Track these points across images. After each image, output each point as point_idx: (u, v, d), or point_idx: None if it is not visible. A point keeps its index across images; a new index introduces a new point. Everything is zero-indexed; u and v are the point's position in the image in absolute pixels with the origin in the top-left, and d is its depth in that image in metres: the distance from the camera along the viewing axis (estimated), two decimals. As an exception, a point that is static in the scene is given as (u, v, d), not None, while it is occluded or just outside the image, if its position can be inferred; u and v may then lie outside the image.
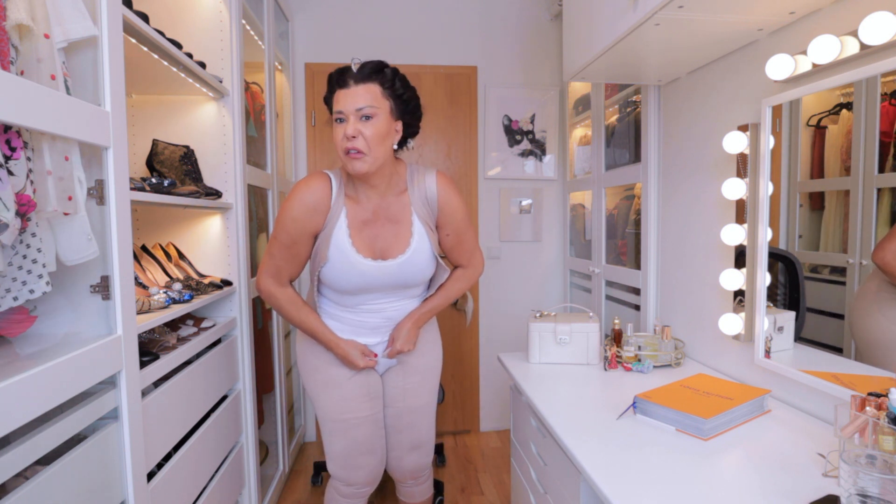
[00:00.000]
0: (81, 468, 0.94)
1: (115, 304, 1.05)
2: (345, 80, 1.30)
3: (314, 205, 1.35)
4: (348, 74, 1.30)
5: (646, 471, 1.02)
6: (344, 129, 1.28)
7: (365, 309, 1.48)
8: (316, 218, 1.36)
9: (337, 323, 1.49)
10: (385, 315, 1.49)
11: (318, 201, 1.35)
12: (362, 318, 1.49)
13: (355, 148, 1.28)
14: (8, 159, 0.80)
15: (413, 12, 2.87)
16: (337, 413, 1.48)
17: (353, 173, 1.31)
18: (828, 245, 1.25)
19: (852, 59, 1.12)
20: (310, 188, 1.35)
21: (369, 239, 1.39)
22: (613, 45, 1.46)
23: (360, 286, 1.41)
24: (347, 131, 1.27)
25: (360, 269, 1.38)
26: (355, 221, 1.38)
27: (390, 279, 1.41)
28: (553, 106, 2.99)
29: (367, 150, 1.28)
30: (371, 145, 1.28)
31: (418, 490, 1.68)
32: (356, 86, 1.29)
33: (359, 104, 1.28)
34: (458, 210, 1.45)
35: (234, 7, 1.80)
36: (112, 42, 1.03)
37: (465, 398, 3.05)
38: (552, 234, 3.05)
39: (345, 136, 1.28)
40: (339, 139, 1.30)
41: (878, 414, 0.92)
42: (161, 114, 1.81)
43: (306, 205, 1.34)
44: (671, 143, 1.90)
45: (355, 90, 1.28)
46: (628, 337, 1.72)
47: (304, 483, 2.48)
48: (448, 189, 1.44)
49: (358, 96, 1.28)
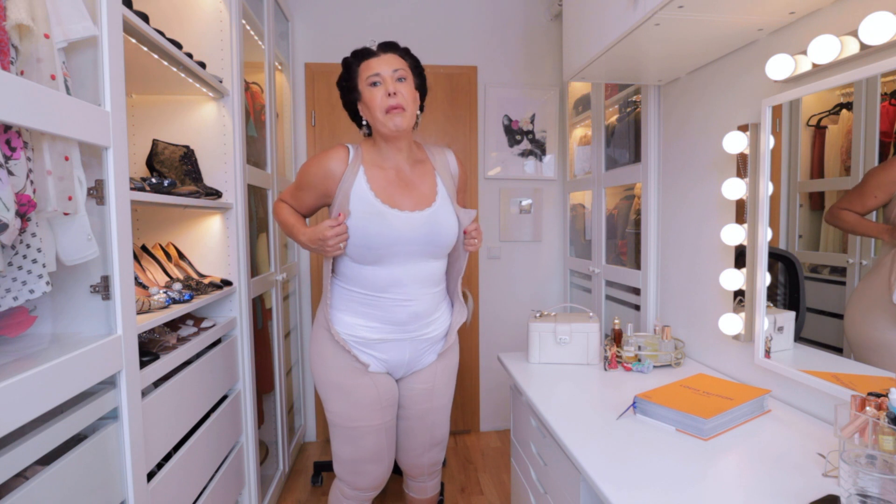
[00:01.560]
0: (81, 468, 0.94)
1: (115, 304, 1.04)
2: (372, 51, 1.42)
3: (328, 170, 1.42)
4: (374, 47, 1.42)
5: (646, 471, 1.02)
6: (384, 89, 1.38)
7: (391, 298, 1.42)
8: (328, 183, 1.43)
9: (363, 320, 1.44)
10: (411, 310, 1.43)
11: (334, 168, 1.42)
12: (389, 311, 1.43)
13: (398, 104, 1.37)
14: (8, 159, 0.80)
15: (413, 12, 2.87)
16: (346, 420, 1.47)
17: (394, 128, 1.38)
18: (828, 245, 1.25)
19: (852, 59, 1.12)
20: (328, 155, 1.43)
21: (394, 195, 1.42)
22: (613, 45, 1.46)
23: (383, 241, 1.37)
24: (389, 89, 1.37)
25: (388, 221, 1.37)
26: (377, 181, 1.42)
27: (422, 234, 1.40)
28: (553, 106, 2.99)
29: (407, 106, 1.38)
30: (408, 102, 1.39)
31: (431, 484, 1.69)
32: (385, 54, 1.41)
33: (394, 66, 1.39)
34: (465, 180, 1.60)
35: (234, 7, 1.80)
36: (112, 42, 1.03)
37: (465, 398, 3.05)
38: (552, 234, 3.05)
39: (386, 95, 1.37)
40: (378, 99, 1.38)
41: (878, 414, 0.92)
42: (161, 114, 1.81)
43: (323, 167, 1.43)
44: (671, 143, 1.90)
45: (386, 57, 1.40)
46: (628, 337, 1.72)
47: (304, 483, 2.48)
48: (463, 166, 1.59)
49: (391, 61, 1.40)
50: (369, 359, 1.46)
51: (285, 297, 2.67)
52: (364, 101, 1.41)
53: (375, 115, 1.39)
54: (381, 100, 1.37)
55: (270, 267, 2.30)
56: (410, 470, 1.64)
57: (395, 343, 1.47)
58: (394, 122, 1.37)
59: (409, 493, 1.71)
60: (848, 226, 1.18)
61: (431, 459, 1.63)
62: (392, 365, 1.50)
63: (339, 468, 1.53)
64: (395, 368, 1.51)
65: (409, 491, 1.71)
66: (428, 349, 1.52)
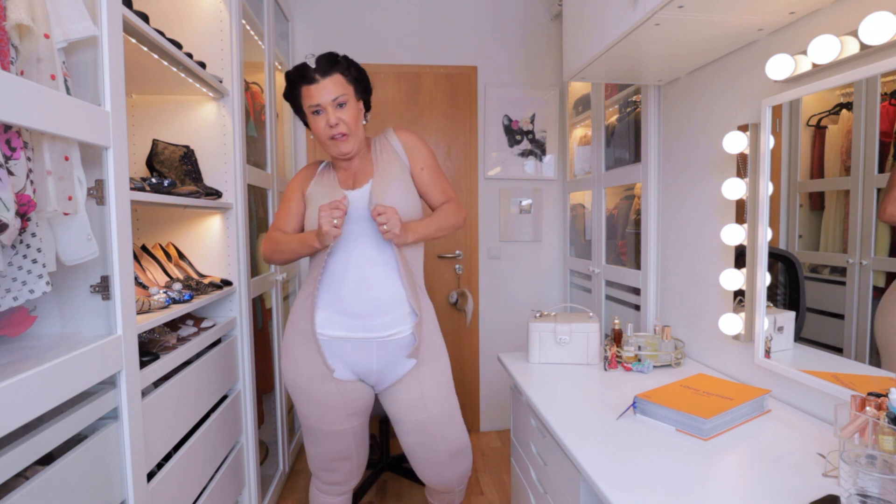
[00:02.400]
0: (81, 468, 0.94)
1: (115, 304, 1.04)
2: (311, 77, 1.41)
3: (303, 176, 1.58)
4: (312, 71, 1.41)
5: (646, 471, 1.02)
6: (326, 119, 1.42)
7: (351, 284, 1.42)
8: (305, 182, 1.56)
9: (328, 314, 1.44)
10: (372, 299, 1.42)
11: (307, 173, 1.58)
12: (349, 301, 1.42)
13: (340, 133, 1.42)
14: (8, 159, 0.80)
15: (413, 12, 2.87)
16: (313, 422, 1.50)
17: (341, 155, 1.46)
18: (828, 245, 1.25)
19: (852, 59, 1.12)
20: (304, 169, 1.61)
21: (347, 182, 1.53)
22: (613, 45, 1.46)
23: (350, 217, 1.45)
24: (330, 120, 1.41)
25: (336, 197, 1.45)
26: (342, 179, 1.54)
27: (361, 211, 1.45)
28: (553, 106, 2.99)
29: (350, 132, 1.44)
30: (351, 127, 1.44)
31: (458, 491, 1.66)
32: (323, 79, 1.41)
33: (333, 94, 1.41)
34: (423, 147, 1.56)
35: (234, 7, 1.80)
36: (112, 42, 1.03)
37: (465, 398, 3.05)
38: (552, 234, 3.05)
39: (328, 125, 1.42)
40: (321, 129, 1.43)
41: (878, 414, 0.92)
42: (161, 114, 1.81)
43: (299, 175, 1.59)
44: (671, 143, 1.90)
45: (324, 84, 1.41)
46: (628, 337, 1.72)
47: (304, 483, 2.48)
48: (406, 133, 1.57)
49: (329, 88, 1.41)
50: (336, 363, 1.45)
51: (285, 297, 2.67)
52: (310, 126, 1.48)
53: (322, 142, 1.46)
54: (324, 129, 1.42)
55: (270, 267, 2.30)
56: (438, 486, 1.60)
57: (359, 343, 1.44)
58: (338, 148, 1.45)
59: (432, 500, 1.69)
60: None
61: (457, 472, 1.57)
62: (361, 371, 1.47)
63: (310, 463, 1.58)
64: (366, 375, 1.49)
65: (434, 500, 1.68)
66: (398, 356, 1.47)
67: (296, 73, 1.43)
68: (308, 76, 1.41)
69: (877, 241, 1.13)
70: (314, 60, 1.42)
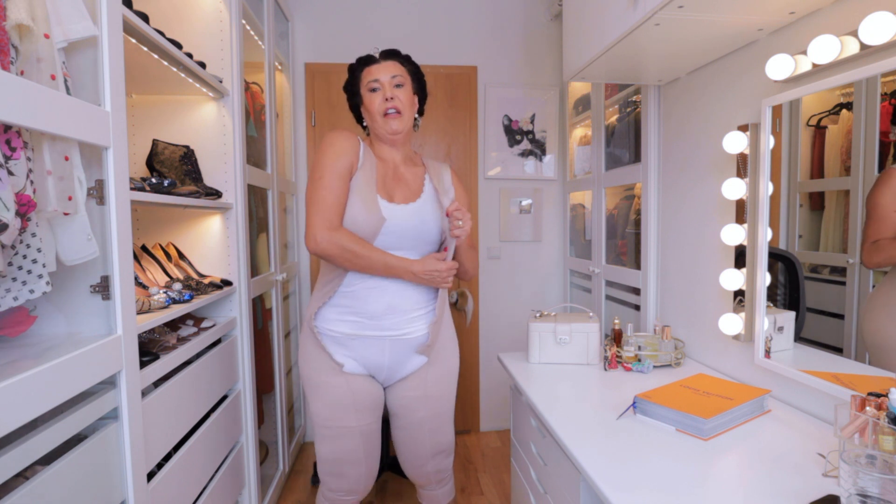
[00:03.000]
0: (81, 468, 0.94)
1: (115, 304, 1.04)
2: (373, 58, 1.50)
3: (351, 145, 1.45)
4: (377, 54, 1.51)
5: (646, 471, 1.02)
6: (382, 94, 1.46)
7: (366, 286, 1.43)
8: (353, 157, 1.44)
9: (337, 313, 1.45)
10: (385, 301, 1.43)
11: (353, 144, 1.46)
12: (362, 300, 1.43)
13: (395, 107, 1.46)
14: (8, 159, 0.80)
15: (413, 12, 2.87)
16: (323, 419, 1.49)
17: (390, 132, 1.47)
18: (828, 245, 1.25)
19: (852, 59, 1.12)
20: (344, 133, 1.47)
21: (387, 185, 1.49)
22: (613, 45, 1.46)
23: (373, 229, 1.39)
24: (386, 94, 1.46)
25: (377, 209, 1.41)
26: (379, 175, 1.49)
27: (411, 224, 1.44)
28: (553, 106, 2.99)
29: (403, 110, 1.47)
30: (405, 107, 1.47)
31: (442, 492, 1.66)
32: (385, 61, 1.49)
33: (393, 73, 1.48)
34: (466, 198, 1.63)
35: (234, 7, 1.80)
36: (112, 42, 1.03)
37: (465, 398, 3.05)
38: (552, 234, 3.05)
39: (383, 99, 1.46)
40: (376, 104, 1.46)
41: (878, 414, 0.92)
42: (161, 114, 1.81)
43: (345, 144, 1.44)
44: (671, 143, 1.90)
45: (386, 64, 1.49)
46: (628, 337, 1.72)
47: (304, 483, 2.48)
48: (460, 183, 1.65)
49: (390, 67, 1.48)
50: (345, 359, 1.46)
51: (285, 297, 2.67)
52: (364, 104, 1.50)
53: (374, 118, 1.48)
54: (380, 104, 1.46)
55: (270, 267, 2.30)
56: (416, 479, 1.63)
57: (372, 340, 1.45)
58: (390, 125, 1.46)
59: (423, 502, 1.69)
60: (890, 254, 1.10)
61: (437, 467, 1.60)
62: (371, 366, 1.48)
63: (320, 467, 1.55)
64: (377, 371, 1.49)
65: (423, 501, 1.69)
66: (410, 353, 1.49)
67: (360, 59, 1.52)
68: (372, 58, 1.50)
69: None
70: (378, 51, 1.52)
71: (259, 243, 2.25)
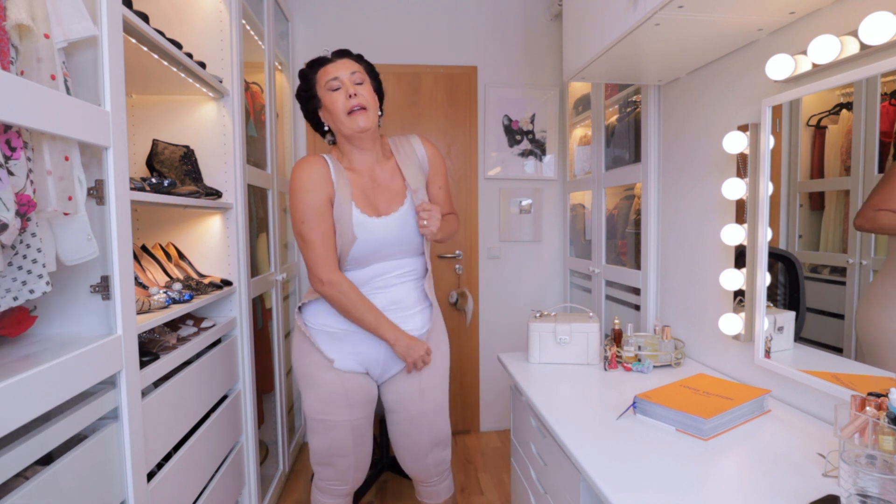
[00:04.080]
0: (81, 468, 0.94)
1: (115, 304, 1.04)
2: (326, 59, 1.45)
3: (320, 176, 1.42)
4: (329, 55, 1.46)
5: (646, 471, 1.02)
6: (344, 92, 1.40)
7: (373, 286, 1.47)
8: (326, 186, 1.42)
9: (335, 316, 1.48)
10: (389, 297, 1.48)
11: (322, 172, 1.43)
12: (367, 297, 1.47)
13: (360, 104, 1.40)
14: (8, 159, 0.80)
15: (413, 12, 2.87)
16: (314, 412, 1.51)
17: (358, 130, 1.41)
18: (828, 245, 1.25)
19: (852, 59, 1.12)
20: (308, 163, 1.43)
21: (371, 199, 1.47)
22: (613, 45, 1.46)
23: (376, 247, 1.44)
24: (349, 90, 1.40)
25: (371, 230, 1.43)
26: (357, 189, 1.46)
27: (396, 235, 1.46)
28: (553, 106, 2.99)
29: (368, 105, 1.41)
30: (368, 102, 1.41)
31: (443, 487, 1.67)
32: (340, 60, 1.44)
33: (351, 69, 1.43)
34: (443, 163, 1.60)
35: (234, 7, 1.80)
36: (112, 42, 1.03)
37: (465, 398, 3.05)
38: (552, 234, 3.05)
39: (346, 97, 1.40)
40: (339, 103, 1.40)
41: (878, 414, 0.92)
42: (161, 114, 1.81)
43: (314, 177, 1.41)
44: (671, 143, 1.90)
45: (342, 62, 1.44)
46: (628, 337, 1.72)
47: (304, 483, 2.48)
48: (432, 146, 1.59)
49: (347, 65, 1.43)
50: (336, 354, 1.48)
51: (285, 297, 2.67)
52: (325, 106, 1.43)
53: (339, 118, 1.41)
54: (343, 102, 1.40)
55: (270, 267, 2.30)
56: (417, 474, 1.63)
57: (368, 335, 1.48)
58: (357, 122, 1.40)
59: (423, 500, 1.70)
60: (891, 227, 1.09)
61: (436, 459, 1.62)
62: (367, 361, 1.50)
63: (311, 458, 1.58)
64: (372, 365, 1.51)
65: (422, 498, 1.70)
66: None
67: (311, 62, 1.47)
68: (324, 59, 1.45)
69: (876, 242, 1.13)
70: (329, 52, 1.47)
71: (259, 243, 2.25)
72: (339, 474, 1.56)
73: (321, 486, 1.60)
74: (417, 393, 1.55)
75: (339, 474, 1.56)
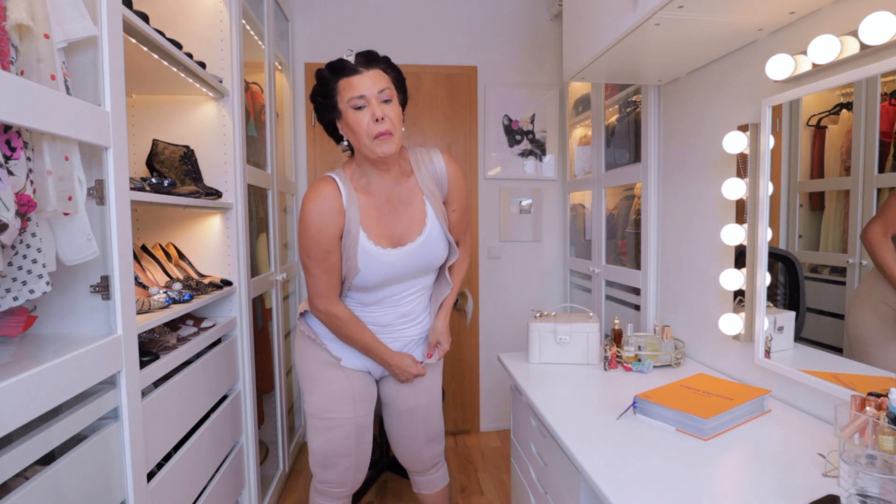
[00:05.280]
0: (81, 468, 0.94)
1: (115, 304, 1.04)
2: (353, 68, 1.28)
3: (331, 209, 1.34)
4: (355, 62, 1.28)
5: (646, 471, 1.02)
6: (371, 113, 1.27)
7: (383, 304, 1.48)
8: (337, 219, 1.35)
9: None
10: (398, 312, 1.49)
11: (333, 205, 1.34)
12: (376, 314, 1.48)
13: (387, 130, 1.28)
14: (8, 159, 0.80)
15: (413, 12, 2.87)
16: (320, 411, 1.51)
17: (383, 156, 1.30)
18: (828, 245, 1.25)
19: (852, 59, 1.11)
20: (320, 195, 1.34)
21: (387, 228, 1.39)
22: (613, 45, 1.46)
23: (386, 278, 1.40)
24: (376, 113, 1.27)
25: (383, 262, 1.38)
26: (369, 215, 1.38)
27: (412, 264, 1.42)
28: (553, 106, 2.99)
29: (395, 131, 1.29)
30: (395, 126, 1.30)
31: (438, 475, 1.71)
32: (368, 71, 1.28)
33: (380, 86, 1.28)
34: (463, 185, 1.50)
35: (234, 7, 1.80)
36: (112, 42, 1.03)
37: (465, 398, 3.05)
38: (552, 234, 3.04)
39: (373, 119, 1.27)
40: (364, 124, 1.27)
41: (878, 414, 0.92)
42: (161, 114, 1.81)
43: (324, 212, 1.33)
44: (671, 143, 1.90)
45: (369, 74, 1.28)
46: (628, 337, 1.72)
47: (304, 483, 2.48)
48: (454, 165, 1.48)
49: (375, 79, 1.28)
50: (343, 353, 1.51)
51: (285, 297, 2.67)
52: (347, 123, 1.31)
53: (362, 140, 1.29)
54: (368, 125, 1.27)
55: (270, 267, 2.30)
56: (413, 465, 1.67)
57: None
58: (382, 149, 1.29)
59: (420, 491, 1.72)
60: None
61: (431, 453, 1.66)
62: (369, 360, 1.53)
63: (311, 461, 1.57)
64: (373, 365, 1.54)
65: (419, 489, 1.72)
66: (405, 347, 1.54)
67: (333, 66, 1.29)
68: (348, 68, 1.28)
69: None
70: (353, 54, 1.30)
71: (259, 243, 2.25)
72: (339, 475, 1.56)
73: (321, 488, 1.59)
74: (411, 389, 1.59)
75: (339, 475, 1.56)
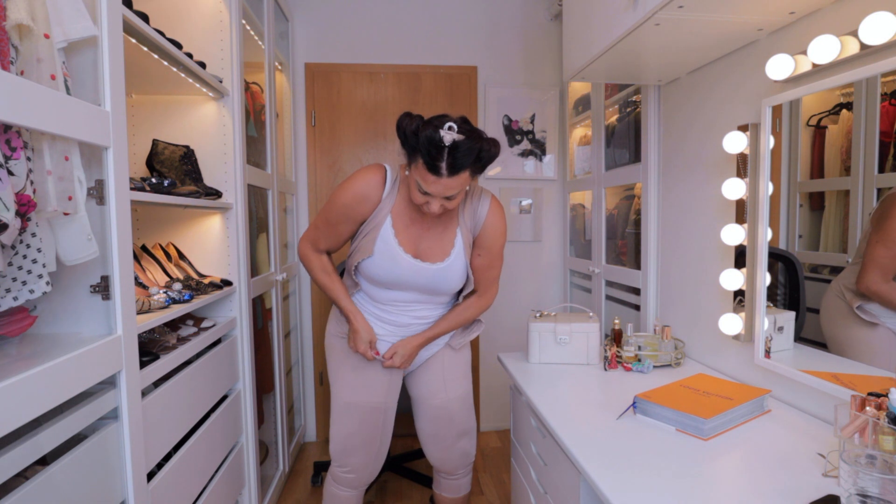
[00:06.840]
0: (81, 468, 0.94)
1: (115, 304, 1.04)
2: (438, 168, 1.25)
3: (364, 195, 1.42)
4: (443, 162, 1.24)
5: (646, 471, 1.02)
6: (426, 201, 1.33)
7: (397, 307, 1.53)
8: (364, 207, 1.43)
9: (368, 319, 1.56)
10: (414, 315, 1.54)
11: (370, 194, 1.42)
12: (394, 315, 1.54)
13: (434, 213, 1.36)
14: (8, 159, 0.80)
15: (413, 12, 2.87)
16: (350, 394, 1.56)
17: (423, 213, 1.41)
18: (828, 245, 1.25)
19: (852, 59, 1.12)
20: (366, 180, 1.42)
21: (414, 237, 1.46)
22: (613, 45, 1.46)
23: (394, 279, 1.46)
24: (433, 208, 1.33)
25: (399, 264, 1.44)
26: (402, 216, 1.44)
27: (423, 282, 1.47)
28: (553, 106, 2.99)
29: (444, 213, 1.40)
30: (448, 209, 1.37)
31: (464, 482, 1.72)
32: (450, 178, 1.27)
33: (452, 191, 1.30)
34: (499, 238, 1.50)
35: (234, 7, 1.80)
36: (112, 42, 1.03)
37: (465, 398, 3.05)
38: (552, 234, 3.05)
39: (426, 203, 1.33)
40: (418, 199, 1.34)
41: (878, 414, 0.92)
42: (161, 114, 1.81)
43: (358, 194, 1.42)
44: (671, 143, 1.90)
45: (448, 182, 1.27)
46: (628, 337, 1.72)
47: (304, 483, 2.48)
48: (497, 214, 1.49)
49: (449, 186, 1.29)
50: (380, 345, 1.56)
51: (285, 297, 2.67)
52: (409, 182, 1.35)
53: (413, 196, 1.34)
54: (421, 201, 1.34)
55: (270, 267, 2.30)
56: (444, 464, 1.67)
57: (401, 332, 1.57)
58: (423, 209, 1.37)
59: (442, 493, 1.73)
60: None
61: (462, 450, 1.66)
62: None
63: (332, 446, 1.60)
64: None
65: (442, 491, 1.73)
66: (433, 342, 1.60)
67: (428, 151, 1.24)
68: (436, 166, 1.24)
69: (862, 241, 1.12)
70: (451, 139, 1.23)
71: (259, 243, 2.25)
72: (361, 462, 1.59)
73: (339, 475, 1.61)
74: (440, 383, 1.60)
75: (361, 462, 1.59)
